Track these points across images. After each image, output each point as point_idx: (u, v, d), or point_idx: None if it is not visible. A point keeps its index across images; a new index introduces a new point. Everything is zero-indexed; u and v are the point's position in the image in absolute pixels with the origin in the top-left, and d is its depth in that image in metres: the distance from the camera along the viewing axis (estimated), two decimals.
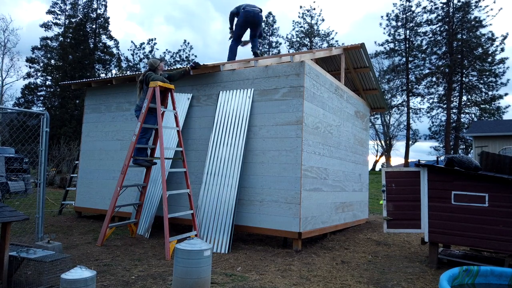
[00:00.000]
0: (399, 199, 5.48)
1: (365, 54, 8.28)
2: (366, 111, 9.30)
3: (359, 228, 8.19)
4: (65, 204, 9.20)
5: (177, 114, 6.12)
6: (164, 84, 5.90)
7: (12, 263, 3.64)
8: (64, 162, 19.89)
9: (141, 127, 5.90)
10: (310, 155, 6.08)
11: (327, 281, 4.37)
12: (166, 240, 5.16)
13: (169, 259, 5.04)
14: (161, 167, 5.48)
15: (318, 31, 44.74)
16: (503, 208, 4.66)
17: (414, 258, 5.65)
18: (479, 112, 35.13)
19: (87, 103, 8.60)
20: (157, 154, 6.44)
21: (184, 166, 5.98)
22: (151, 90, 5.84)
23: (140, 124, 5.87)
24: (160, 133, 5.63)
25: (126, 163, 5.85)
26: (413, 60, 36.53)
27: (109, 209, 5.77)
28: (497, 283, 3.81)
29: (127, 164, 5.85)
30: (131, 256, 5.20)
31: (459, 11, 34.00)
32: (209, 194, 6.11)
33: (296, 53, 6.09)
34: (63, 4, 40.98)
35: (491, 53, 33.07)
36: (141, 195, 6.55)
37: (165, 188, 5.38)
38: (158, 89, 5.82)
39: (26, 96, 38.13)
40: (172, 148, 6.41)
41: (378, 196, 14.77)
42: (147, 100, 5.84)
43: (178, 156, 6.55)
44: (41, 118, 5.26)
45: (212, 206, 5.99)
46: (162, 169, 5.47)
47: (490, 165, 5.43)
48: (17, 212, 3.80)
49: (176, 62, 47.20)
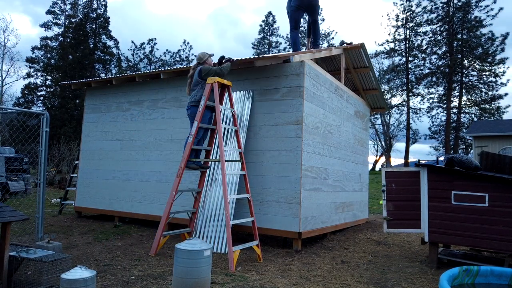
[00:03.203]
0: (399, 199, 5.48)
1: (365, 54, 8.28)
2: (366, 111, 9.30)
3: (359, 228, 8.19)
4: (65, 204, 9.20)
5: (235, 113, 5.72)
6: (222, 80, 5.54)
7: (12, 263, 3.64)
8: (64, 162, 19.89)
9: (198, 127, 5.47)
10: (310, 155, 6.08)
11: (327, 281, 4.37)
12: (230, 249, 4.69)
13: (234, 271, 4.59)
14: (221, 170, 5.06)
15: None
16: (503, 208, 4.66)
17: (414, 258, 5.65)
18: (479, 112, 35.10)
19: (87, 103, 8.60)
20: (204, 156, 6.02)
21: (243, 168, 5.56)
22: (209, 86, 5.44)
23: (197, 123, 5.44)
24: (220, 133, 5.23)
25: (182, 166, 5.45)
26: (413, 60, 36.50)
27: (164, 216, 5.35)
28: (497, 283, 3.80)
29: (183, 167, 5.44)
30: (131, 256, 5.20)
31: (459, 11, 33.97)
32: (209, 194, 6.11)
33: (296, 53, 6.08)
34: (63, 4, 40.99)
35: (491, 53, 33.04)
36: (195, 202, 6.01)
37: (226, 191, 4.98)
38: (217, 86, 5.45)
39: (26, 96, 38.10)
40: (231, 149, 5.77)
41: (378, 196, 14.77)
42: (204, 98, 5.43)
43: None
44: (41, 118, 5.26)
45: (212, 206, 5.98)
46: (223, 172, 5.04)
47: (490, 165, 5.43)
48: (17, 212, 3.80)
49: (176, 62, 47.18)
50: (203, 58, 5.84)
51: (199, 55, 5.90)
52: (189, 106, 5.72)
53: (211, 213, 5.95)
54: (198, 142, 5.77)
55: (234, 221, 5.16)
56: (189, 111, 5.72)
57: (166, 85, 7.36)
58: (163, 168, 7.13)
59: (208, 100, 5.53)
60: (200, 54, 5.90)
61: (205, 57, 5.85)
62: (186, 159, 5.47)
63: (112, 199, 7.77)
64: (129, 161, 7.65)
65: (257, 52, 46.29)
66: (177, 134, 7.06)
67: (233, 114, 5.70)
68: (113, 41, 41.76)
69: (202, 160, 5.87)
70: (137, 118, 7.67)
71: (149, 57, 47.07)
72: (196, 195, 6.03)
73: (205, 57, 5.85)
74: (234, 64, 6.05)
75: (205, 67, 5.67)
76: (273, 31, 47.28)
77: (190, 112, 5.70)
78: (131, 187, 7.53)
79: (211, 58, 5.93)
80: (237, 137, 5.66)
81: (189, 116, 5.75)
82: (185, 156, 5.47)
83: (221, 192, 5.99)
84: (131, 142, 7.68)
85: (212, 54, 5.95)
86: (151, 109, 7.49)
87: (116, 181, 7.78)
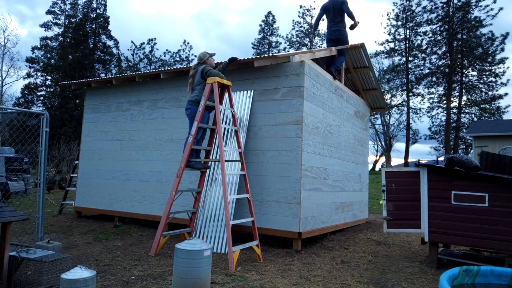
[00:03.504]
0: (399, 199, 5.48)
1: (365, 54, 8.28)
2: (366, 111, 9.30)
3: (359, 228, 8.19)
4: (65, 204, 9.21)
5: (234, 113, 5.72)
6: (222, 80, 5.53)
7: (12, 263, 3.64)
8: (64, 162, 19.89)
9: (198, 127, 5.47)
10: (310, 155, 6.08)
11: (327, 281, 4.37)
12: (230, 249, 4.67)
13: (234, 271, 4.58)
14: (221, 169, 5.06)
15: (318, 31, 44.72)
16: (503, 208, 4.66)
17: (414, 258, 5.65)
18: (479, 112, 35.11)
19: (87, 103, 8.60)
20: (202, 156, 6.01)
21: (243, 168, 5.56)
22: (209, 86, 5.45)
23: (197, 123, 5.44)
24: (220, 133, 5.22)
25: (182, 166, 5.43)
26: (413, 60, 36.50)
27: (164, 215, 5.33)
28: (497, 283, 3.81)
29: (183, 167, 5.43)
30: (131, 256, 5.20)
31: (459, 11, 33.96)
32: (208, 194, 6.11)
33: (296, 53, 6.08)
34: (63, 4, 41.01)
35: (491, 53, 33.03)
36: (195, 202, 5.99)
37: (226, 192, 4.96)
38: (217, 86, 5.44)
39: (26, 96, 38.12)
40: (231, 149, 5.77)
41: (378, 196, 14.76)
42: (204, 98, 5.44)
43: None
44: (41, 118, 5.27)
45: (212, 206, 5.98)
46: (223, 172, 5.02)
47: (490, 165, 5.43)
48: (17, 212, 3.80)
49: (176, 62, 47.18)
50: (204, 58, 5.86)
51: (200, 55, 5.92)
52: (189, 105, 5.73)
53: (211, 213, 5.95)
54: (197, 142, 5.79)
55: (234, 221, 5.16)
56: (189, 111, 5.73)
57: (166, 85, 7.36)
58: (163, 168, 7.13)
59: (208, 100, 5.54)
60: (201, 54, 5.92)
61: (206, 57, 5.86)
62: (186, 159, 5.47)
63: (112, 199, 7.77)
64: (129, 161, 7.65)
65: (257, 52, 46.31)
66: (177, 134, 7.05)
67: (233, 114, 5.70)
68: (113, 41, 41.81)
69: (202, 160, 5.88)
70: (137, 118, 7.67)
71: (149, 57, 47.08)
72: (196, 195, 6.02)
73: (205, 57, 5.86)
74: (236, 63, 6.08)
75: (207, 67, 5.69)
76: (273, 31, 47.30)
77: (190, 111, 5.71)
78: (131, 187, 7.53)
79: (212, 58, 5.95)
80: (237, 137, 5.66)
81: (188, 116, 5.77)
82: (185, 156, 5.46)
83: (221, 192, 5.99)
84: (131, 142, 7.68)
85: (213, 53, 5.97)
86: (151, 109, 7.49)
87: (116, 181, 7.78)
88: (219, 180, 6.15)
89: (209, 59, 5.88)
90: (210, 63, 5.90)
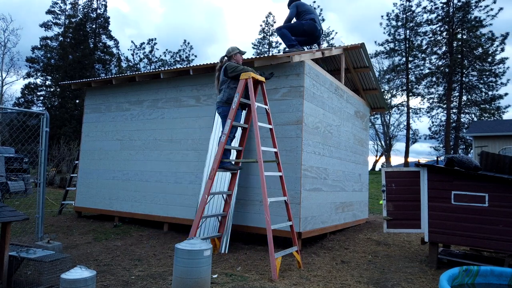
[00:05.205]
0: (399, 199, 5.48)
1: (365, 54, 8.28)
2: (366, 111, 9.30)
3: (359, 228, 8.19)
4: (65, 204, 9.20)
5: (269, 110, 5.37)
6: (256, 76, 5.20)
7: (12, 263, 3.64)
8: (64, 162, 19.89)
9: (231, 125, 5.18)
10: (310, 155, 6.08)
11: (327, 281, 4.37)
12: (272, 256, 4.36)
13: (276, 279, 4.27)
14: (260, 170, 4.77)
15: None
16: (503, 208, 4.66)
17: (414, 258, 5.65)
18: (479, 112, 35.11)
19: (87, 103, 8.60)
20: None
21: (280, 169, 5.22)
22: (243, 82, 5.13)
23: (230, 122, 5.15)
24: (256, 132, 4.92)
25: (214, 167, 5.13)
26: (413, 60, 36.50)
27: (196, 220, 5.04)
28: (497, 283, 3.81)
29: (215, 168, 5.13)
30: (131, 256, 5.20)
31: (459, 11, 33.95)
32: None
33: (296, 53, 6.08)
34: (63, 4, 41.02)
35: (491, 53, 33.03)
36: (225, 205, 5.71)
37: (265, 194, 4.65)
38: (251, 82, 5.12)
39: (26, 96, 38.13)
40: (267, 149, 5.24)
41: (378, 196, 14.77)
42: (238, 94, 5.10)
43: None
44: (41, 118, 5.26)
45: (212, 206, 5.98)
46: (261, 172, 4.75)
47: (490, 165, 5.43)
48: (17, 212, 3.80)
49: (176, 62, 47.18)
50: (232, 52, 5.52)
51: (229, 48, 5.59)
52: (219, 105, 5.45)
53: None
54: (231, 141, 5.50)
55: (275, 225, 4.74)
56: (220, 109, 5.43)
57: (166, 85, 7.36)
58: (163, 168, 7.13)
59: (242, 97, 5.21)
60: (230, 48, 5.57)
61: (234, 52, 5.52)
62: (219, 160, 5.16)
63: (112, 199, 7.77)
64: (129, 161, 7.65)
65: (257, 52, 46.29)
66: (177, 134, 7.06)
67: (267, 111, 5.37)
68: (113, 41, 41.81)
69: (233, 160, 5.61)
70: (137, 118, 7.67)
71: (149, 57, 47.07)
72: (226, 197, 5.73)
73: (234, 51, 5.52)
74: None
75: (231, 64, 5.36)
76: (273, 31, 47.27)
77: (222, 110, 5.41)
78: (131, 187, 7.54)
79: (240, 55, 5.59)
80: (272, 135, 5.33)
81: (220, 115, 5.48)
82: (218, 156, 5.15)
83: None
84: (131, 142, 7.68)
85: (244, 52, 5.64)
86: (151, 109, 7.49)
87: (116, 181, 7.78)
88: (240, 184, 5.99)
89: (236, 55, 5.53)
90: (237, 60, 5.56)
